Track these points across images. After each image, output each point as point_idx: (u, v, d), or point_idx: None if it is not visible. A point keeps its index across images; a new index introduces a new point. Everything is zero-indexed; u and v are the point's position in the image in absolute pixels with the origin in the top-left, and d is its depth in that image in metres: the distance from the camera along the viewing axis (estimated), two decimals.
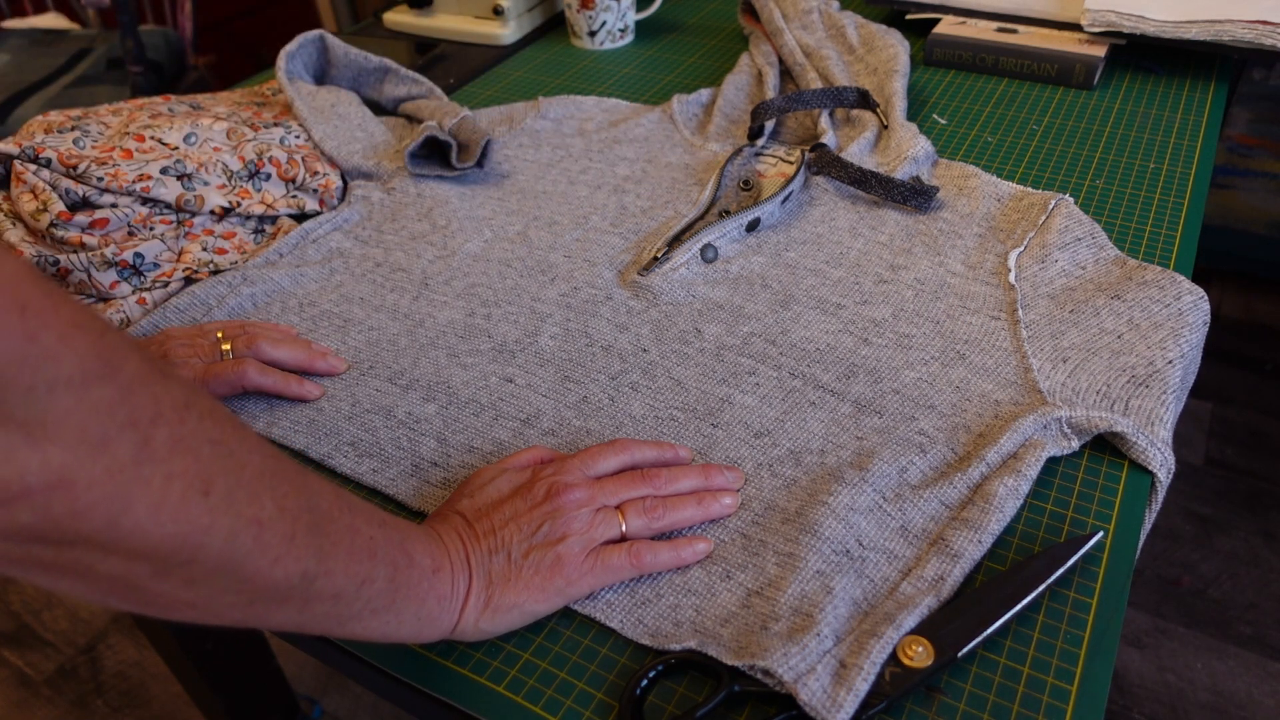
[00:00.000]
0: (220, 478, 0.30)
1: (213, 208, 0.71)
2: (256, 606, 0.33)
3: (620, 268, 0.67)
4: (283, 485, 0.33)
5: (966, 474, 0.48)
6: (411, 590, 0.39)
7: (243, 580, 0.32)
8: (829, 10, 0.95)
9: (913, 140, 0.75)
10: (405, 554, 0.39)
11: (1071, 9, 0.91)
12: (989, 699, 0.41)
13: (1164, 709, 1.18)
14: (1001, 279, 0.62)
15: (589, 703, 0.42)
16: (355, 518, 0.37)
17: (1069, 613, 0.44)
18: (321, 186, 0.76)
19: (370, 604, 0.37)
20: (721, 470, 0.50)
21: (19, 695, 1.28)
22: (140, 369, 0.28)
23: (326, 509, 0.35)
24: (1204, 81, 0.87)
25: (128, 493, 0.27)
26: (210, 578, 0.31)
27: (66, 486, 0.25)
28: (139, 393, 0.27)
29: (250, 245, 0.72)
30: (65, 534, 0.26)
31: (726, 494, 0.49)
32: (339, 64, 0.88)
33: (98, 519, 0.26)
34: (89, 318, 0.26)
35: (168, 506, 0.28)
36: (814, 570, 0.44)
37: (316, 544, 0.34)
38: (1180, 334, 0.56)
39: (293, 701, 1.17)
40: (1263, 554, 1.35)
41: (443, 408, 0.57)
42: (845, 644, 0.41)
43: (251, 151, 0.74)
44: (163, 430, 0.28)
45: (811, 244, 0.68)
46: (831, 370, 0.57)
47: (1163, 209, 0.70)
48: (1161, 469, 0.50)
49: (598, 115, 0.88)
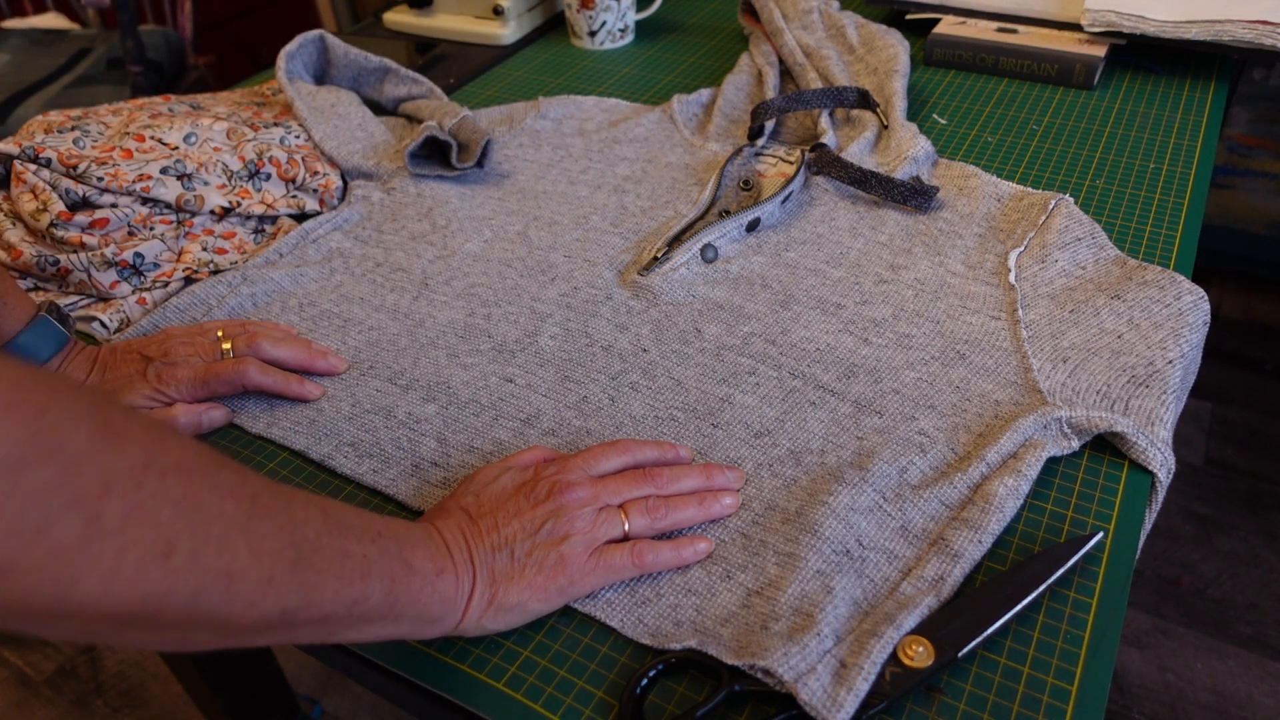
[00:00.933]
0: (184, 537, 0.29)
1: (213, 208, 0.71)
2: (234, 639, 0.33)
3: (620, 268, 0.67)
4: (261, 526, 0.32)
5: (967, 474, 0.48)
6: (412, 597, 0.39)
7: (215, 626, 0.31)
8: (829, 10, 0.95)
9: (913, 140, 0.75)
10: (404, 563, 0.39)
11: (1071, 9, 0.91)
12: (989, 699, 0.41)
13: (1164, 709, 1.18)
14: (1002, 279, 0.62)
15: (589, 701, 0.42)
16: (346, 539, 0.36)
17: (1069, 613, 0.44)
18: (321, 186, 0.76)
19: (365, 617, 0.37)
20: (722, 470, 0.50)
21: (19, 695, 1.28)
22: (88, 441, 0.26)
23: (313, 538, 0.34)
24: (1204, 81, 0.87)
25: (75, 571, 0.26)
26: (177, 628, 0.30)
27: (7, 572, 0.25)
28: (86, 468, 0.26)
29: (250, 245, 0.72)
30: (13, 609, 0.26)
31: (728, 494, 0.49)
32: (339, 64, 0.88)
33: (44, 597, 0.26)
34: (24, 396, 0.25)
35: (122, 577, 0.27)
36: (814, 570, 0.44)
37: (300, 580, 0.33)
38: (1180, 334, 0.56)
39: (293, 701, 1.17)
40: (1263, 554, 1.35)
41: (443, 408, 0.57)
42: (845, 644, 0.41)
43: (251, 151, 0.74)
44: (115, 502, 0.27)
45: (811, 244, 0.68)
46: (831, 370, 0.57)
47: (1163, 209, 0.70)
48: (1161, 469, 0.50)
49: (598, 115, 0.88)
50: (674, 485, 0.48)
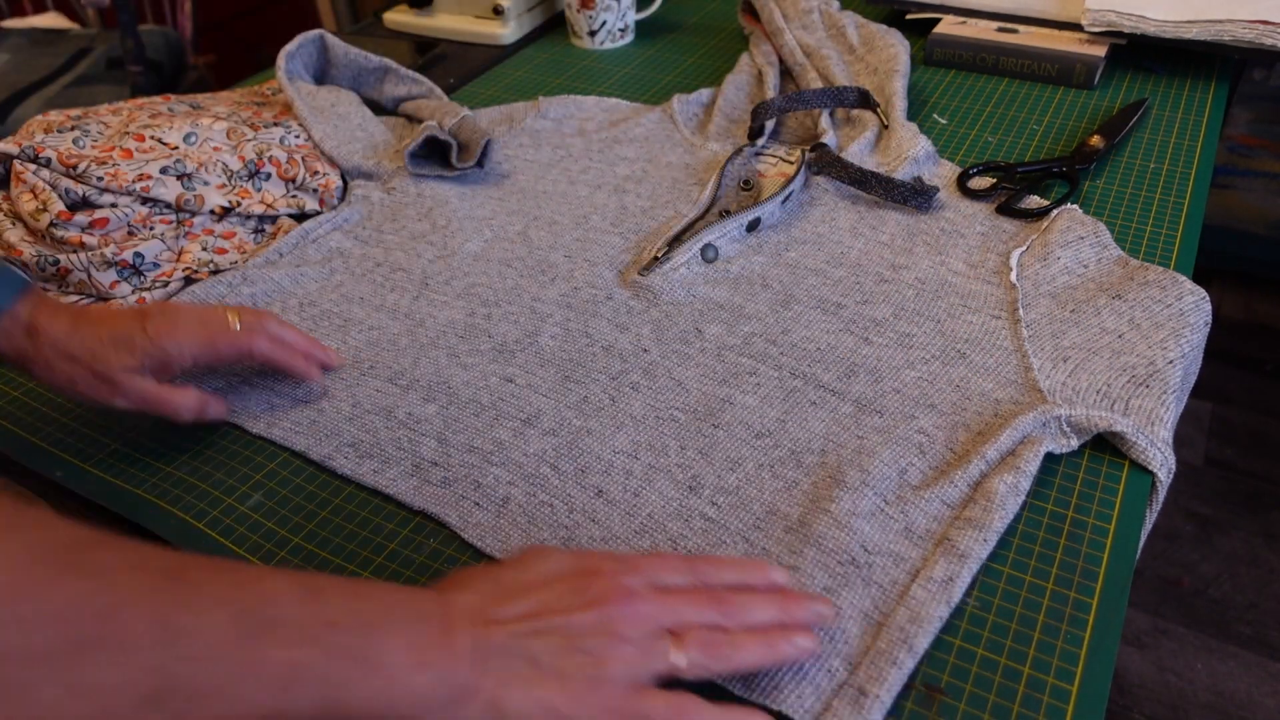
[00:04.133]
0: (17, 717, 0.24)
1: (213, 207, 0.71)
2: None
3: (620, 267, 0.67)
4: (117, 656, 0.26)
5: (966, 471, 0.48)
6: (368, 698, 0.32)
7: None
8: (829, 10, 0.95)
9: (913, 140, 0.75)
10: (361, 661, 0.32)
11: (1072, 9, 0.91)
12: (989, 699, 0.40)
13: (1164, 709, 1.18)
14: (1003, 278, 0.62)
15: None
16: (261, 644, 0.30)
17: (1069, 613, 0.44)
18: (322, 186, 0.76)
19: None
20: (806, 602, 0.41)
21: None
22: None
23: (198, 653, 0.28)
24: (1204, 81, 0.87)
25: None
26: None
27: None
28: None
29: (250, 245, 0.72)
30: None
31: (804, 634, 0.39)
32: (339, 64, 0.88)
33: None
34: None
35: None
36: (820, 587, 0.44)
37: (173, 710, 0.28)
38: (1181, 334, 0.56)
39: None
40: (1263, 554, 1.35)
41: (443, 408, 0.57)
42: (861, 670, 0.40)
43: (251, 151, 0.74)
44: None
45: (812, 244, 0.68)
46: (832, 370, 0.57)
47: (1163, 209, 0.70)
48: (1162, 469, 0.50)
49: (598, 115, 0.88)
50: (744, 615, 0.39)
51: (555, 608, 0.37)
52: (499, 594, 0.37)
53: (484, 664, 0.35)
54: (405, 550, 0.49)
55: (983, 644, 0.43)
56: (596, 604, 0.37)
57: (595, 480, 0.51)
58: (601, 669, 0.36)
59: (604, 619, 0.37)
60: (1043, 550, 0.47)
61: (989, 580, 0.45)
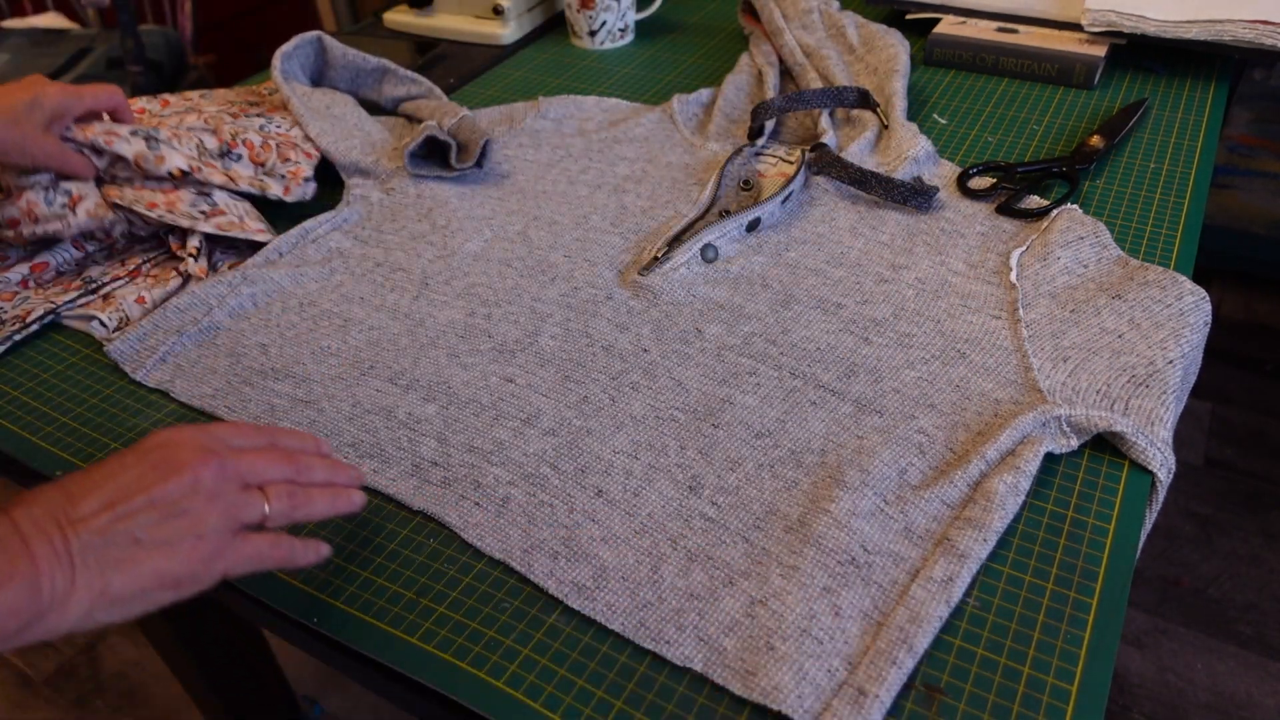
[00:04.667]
0: None
1: (171, 169, 0.69)
2: None
3: (620, 267, 0.67)
4: None
5: (966, 471, 0.48)
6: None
7: None
8: (829, 10, 0.95)
9: (913, 140, 0.75)
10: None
11: (1071, 9, 0.91)
12: (989, 699, 0.41)
13: (1164, 709, 1.18)
14: (1003, 278, 0.62)
15: (589, 701, 0.42)
16: None
17: (1069, 613, 0.44)
18: (290, 174, 0.75)
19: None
20: (347, 468, 0.47)
21: (19, 695, 1.28)
22: None
23: None
24: (1204, 81, 0.87)
25: None
26: None
27: None
28: None
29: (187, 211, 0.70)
30: None
31: (357, 492, 0.46)
32: (336, 65, 0.88)
33: None
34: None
35: None
36: (820, 587, 0.44)
37: None
38: (1181, 334, 0.56)
39: (293, 701, 1.17)
40: (1263, 554, 1.35)
41: (443, 408, 0.57)
42: (861, 669, 0.41)
43: (228, 133, 0.73)
44: None
45: (812, 244, 0.68)
46: (832, 370, 0.57)
47: (1163, 209, 0.70)
48: (1162, 469, 0.50)
49: (598, 115, 0.88)
50: (310, 474, 0.45)
51: (137, 487, 0.38)
52: (70, 497, 0.38)
53: (81, 560, 0.36)
54: (405, 550, 0.49)
55: (983, 644, 0.43)
56: (181, 470, 0.39)
57: (595, 480, 0.51)
58: (201, 526, 0.39)
59: (193, 483, 0.39)
60: (1042, 550, 0.47)
61: (989, 580, 0.45)
